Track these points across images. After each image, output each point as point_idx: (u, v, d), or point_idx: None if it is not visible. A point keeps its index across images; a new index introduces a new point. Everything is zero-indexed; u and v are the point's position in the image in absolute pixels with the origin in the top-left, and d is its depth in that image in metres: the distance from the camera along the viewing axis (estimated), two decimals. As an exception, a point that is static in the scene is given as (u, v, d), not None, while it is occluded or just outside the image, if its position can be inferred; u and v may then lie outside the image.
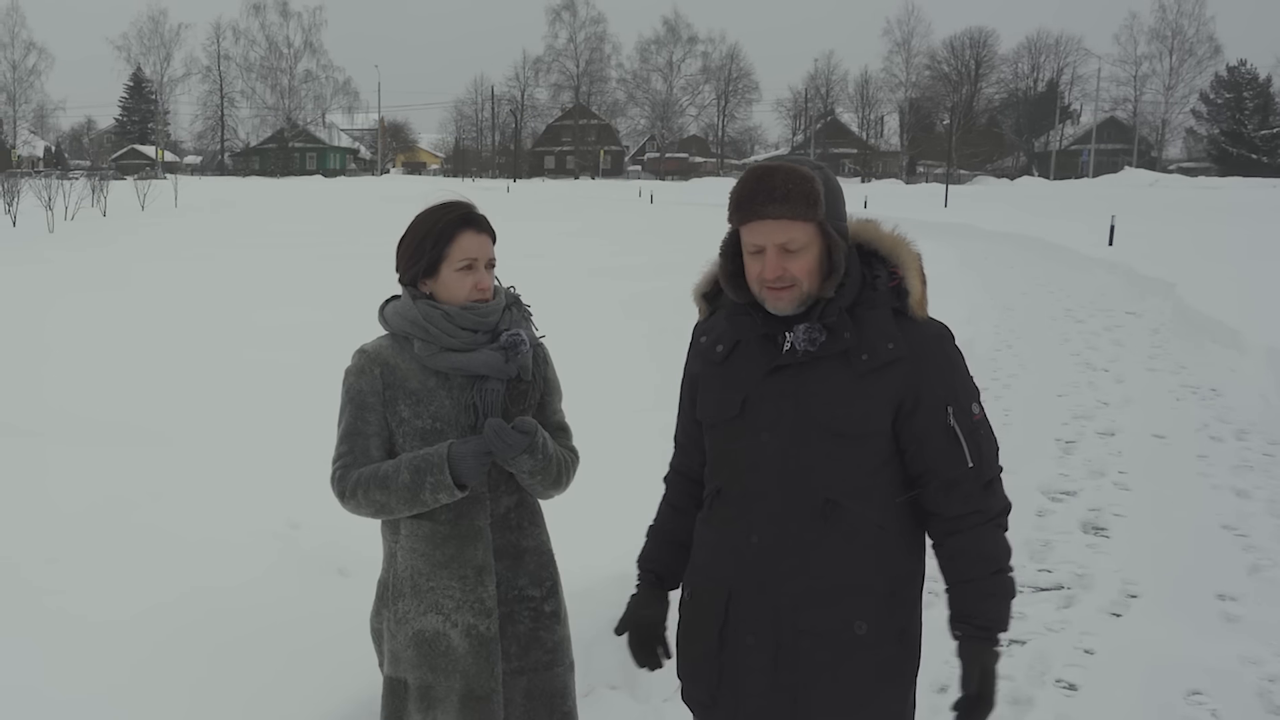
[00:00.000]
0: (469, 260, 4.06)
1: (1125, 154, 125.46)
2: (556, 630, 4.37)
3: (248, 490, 8.06)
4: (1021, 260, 34.93)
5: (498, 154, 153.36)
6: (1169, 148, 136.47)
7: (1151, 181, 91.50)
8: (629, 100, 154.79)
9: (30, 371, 13.37)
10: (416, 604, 4.17)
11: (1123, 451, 12.07)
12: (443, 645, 4.14)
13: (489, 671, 4.13)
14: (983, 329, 19.58)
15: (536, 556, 4.31)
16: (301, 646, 5.76)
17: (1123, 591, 8.16)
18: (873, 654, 3.65)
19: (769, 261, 3.49)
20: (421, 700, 4.16)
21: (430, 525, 4.14)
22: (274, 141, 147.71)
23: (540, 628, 4.30)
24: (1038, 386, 15.52)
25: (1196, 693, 6.61)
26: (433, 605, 4.15)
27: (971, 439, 3.61)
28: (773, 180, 3.45)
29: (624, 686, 6.32)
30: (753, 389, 3.65)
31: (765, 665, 3.68)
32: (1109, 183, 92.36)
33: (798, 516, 3.59)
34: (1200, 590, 8.10)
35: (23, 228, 43.37)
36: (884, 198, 73.19)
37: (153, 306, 19.52)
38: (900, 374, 3.53)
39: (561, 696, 4.37)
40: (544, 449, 4.04)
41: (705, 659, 3.84)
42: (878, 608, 3.64)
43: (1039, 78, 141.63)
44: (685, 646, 3.97)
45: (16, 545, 6.98)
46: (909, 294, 3.61)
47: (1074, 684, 6.75)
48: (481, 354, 4.06)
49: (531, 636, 4.27)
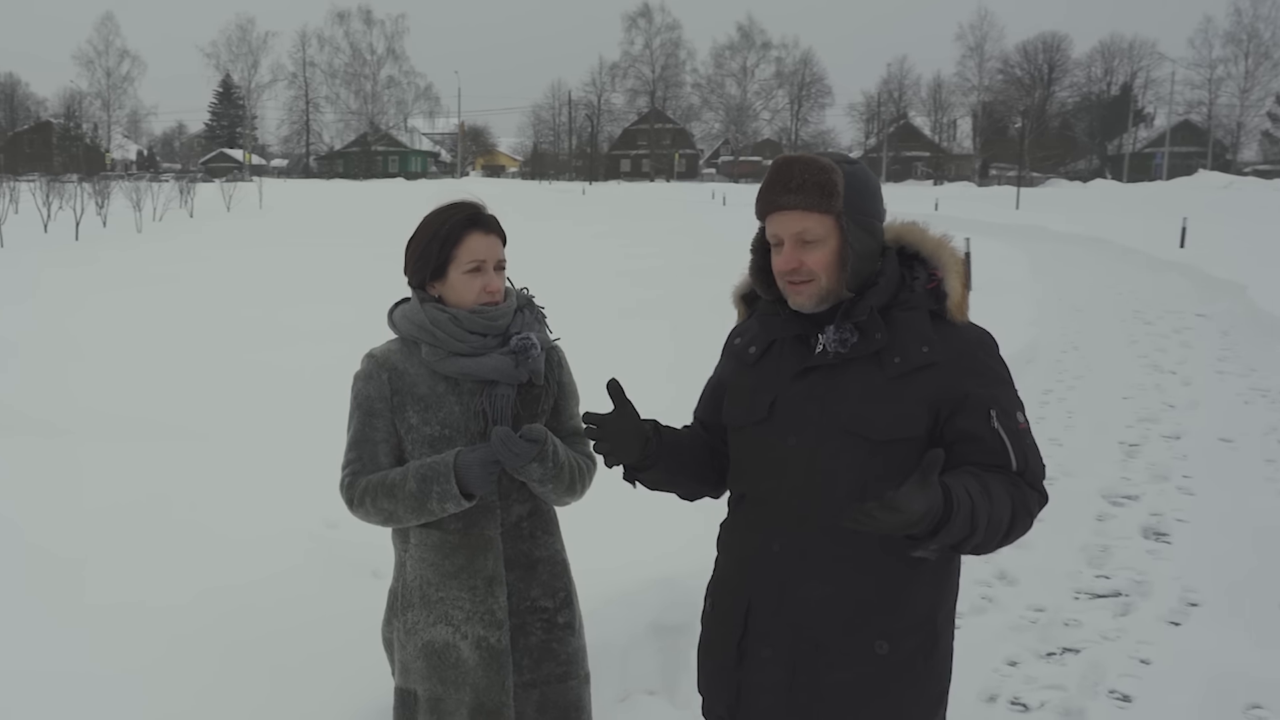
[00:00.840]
0: (477, 262, 3.90)
1: (1199, 157, 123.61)
2: (570, 642, 4.15)
3: (286, 489, 7.91)
4: (1091, 262, 34.31)
5: (575, 157, 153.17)
6: (1244, 150, 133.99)
7: (1225, 184, 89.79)
8: (703, 105, 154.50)
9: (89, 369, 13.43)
10: (426, 614, 4.00)
11: (1188, 455, 11.66)
12: (452, 657, 3.97)
13: (500, 685, 3.94)
14: (1049, 330, 19.29)
15: (550, 567, 4.11)
16: (323, 649, 5.66)
17: (1182, 599, 7.81)
18: (895, 676, 3.38)
19: (784, 253, 3.34)
20: (431, 712, 4.00)
21: (439, 534, 3.97)
22: (357, 145, 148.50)
23: (553, 639, 4.09)
24: (1103, 389, 15.13)
25: (1257, 706, 6.28)
26: (442, 616, 3.98)
27: (1017, 444, 3.32)
28: (790, 171, 3.31)
29: (662, 692, 6.07)
30: (782, 391, 3.46)
31: (781, 682, 3.44)
32: (1182, 185, 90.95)
33: (820, 526, 3.35)
34: (1263, 599, 7.73)
35: (112, 227, 44.23)
36: (956, 200, 73.00)
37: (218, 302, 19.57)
38: (935, 378, 3.31)
39: (576, 709, 4.16)
40: (554, 457, 3.85)
41: (723, 672, 3.62)
42: (902, 627, 3.38)
43: (1112, 81, 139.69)
44: (705, 659, 3.75)
45: (57, 539, 6.99)
46: (947, 296, 3.39)
47: (1128, 695, 6.44)
48: (491, 358, 3.88)
49: (544, 648, 4.07)
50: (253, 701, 5.23)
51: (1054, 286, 26.42)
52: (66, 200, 44.43)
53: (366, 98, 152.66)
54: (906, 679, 3.39)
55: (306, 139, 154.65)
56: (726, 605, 3.62)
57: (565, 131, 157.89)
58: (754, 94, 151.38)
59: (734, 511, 3.67)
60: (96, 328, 17.03)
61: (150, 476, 8.51)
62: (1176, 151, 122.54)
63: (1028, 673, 6.72)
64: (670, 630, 6.09)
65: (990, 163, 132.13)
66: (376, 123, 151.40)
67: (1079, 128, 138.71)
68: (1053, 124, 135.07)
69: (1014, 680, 6.63)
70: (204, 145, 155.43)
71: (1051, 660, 6.90)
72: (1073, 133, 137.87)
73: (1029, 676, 6.67)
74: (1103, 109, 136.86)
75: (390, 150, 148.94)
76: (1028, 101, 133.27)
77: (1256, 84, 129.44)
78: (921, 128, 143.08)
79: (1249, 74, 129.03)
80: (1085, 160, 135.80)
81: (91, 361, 14.16)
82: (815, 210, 3.27)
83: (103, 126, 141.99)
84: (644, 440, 3.52)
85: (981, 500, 3.11)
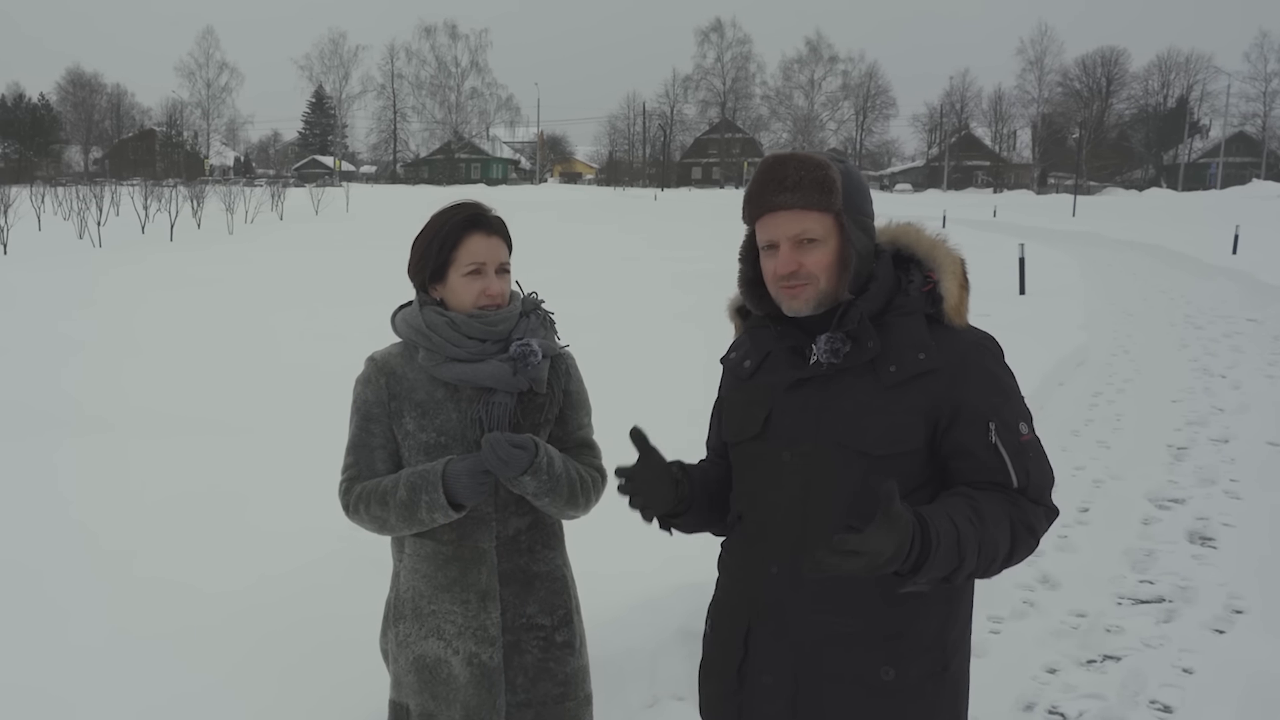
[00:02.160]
0: (476, 264, 3.59)
1: (1254, 167, 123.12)
2: (570, 662, 3.81)
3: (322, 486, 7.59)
4: (1145, 268, 33.76)
5: (648, 165, 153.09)
6: None
7: (1278, 193, 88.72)
8: (772, 115, 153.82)
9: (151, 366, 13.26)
10: (418, 627, 3.71)
11: (1236, 459, 11.17)
12: (444, 673, 3.66)
13: (490, 704, 3.64)
14: (1100, 334, 18.87)
15: (549, 583, 3.79)
16: (331, 645, 5.51)
17: (1227, 606, 7.37)
18: (903, 703, 3.04)
19: (781, 255, 3.02)
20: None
21: (433, 545, 3.67)
22: (441, 153, 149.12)
23: (550, 659, 3.76)
24: (1152, 391, 14.64)
25: (1300, 720, 5.87)
26: (434, 630, 3.68)
27: (1018, 459, 2.99)
28: (784, 169, 3.01)
29: (690, 697, 5.68)
30: (775, 404, 3.15)
31: (783, 710, 3.12)
32: (1236, 194, 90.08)
33: (819, 546, 2.93)
34: (1310, 608, 7.29)
35: (206, 229, 44.45)
36: (1014, 207, 72.66)
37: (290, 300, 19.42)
38: (933, 386, 3.00)
39: None
40: (548, 469, 3.52)
41: (724, 698, 3.30)
42: (910, 653, 3.04)
43: (1169, 94, 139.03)
44: (705, 683, 3.45)
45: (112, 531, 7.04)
46: (943, 299, 3.08)
47: (1169, 706, 6.03)
48: (489, 365, 3.57)
49: (540, 668, 3.74)
50: (260, 700, 5.05)
51: (1106, 291, 26.02)
52: (164, 204, 44.69)
53: (451, 108, 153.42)
54: (916, 706, 3.05)
55: (394, 147, 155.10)
56: (726, 628, 3.32)
57: (639, 140, 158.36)
58: (821, 105, 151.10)
59: (733, 530, 3.34)
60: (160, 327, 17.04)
61: (199, 471, 8.51)
62: (1231, 162, 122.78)
63: (1067, 680, 6.32)
64: (699, 635, 5.72)
65: (1049, 172, 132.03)
66: (460, 131, 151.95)
67: (1135, 138, 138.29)
68: (1110, 135, 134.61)
69: (1052, 688, 6.23)
70: (297, 152, 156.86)
71: (1092, 668, 6.50)
72: (1129, 143, 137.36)
73: (1068, 684, 6.27)
74: (1159, 120, 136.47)
75: (473, 158, 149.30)
76: (1086, 113, 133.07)
77: None
78: (982, 138, 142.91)
79: None
80: (1141, 170, 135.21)
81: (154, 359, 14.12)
82: (814, 209, 2.98)
83: (202, 134, 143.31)
84: (674, 485, 3.21)
85: (970, 527, 2.78)
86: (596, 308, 18.75)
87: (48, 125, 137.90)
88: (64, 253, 32.58)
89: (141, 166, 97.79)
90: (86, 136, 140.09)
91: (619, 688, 5.45)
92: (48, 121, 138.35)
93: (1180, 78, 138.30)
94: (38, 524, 7.48)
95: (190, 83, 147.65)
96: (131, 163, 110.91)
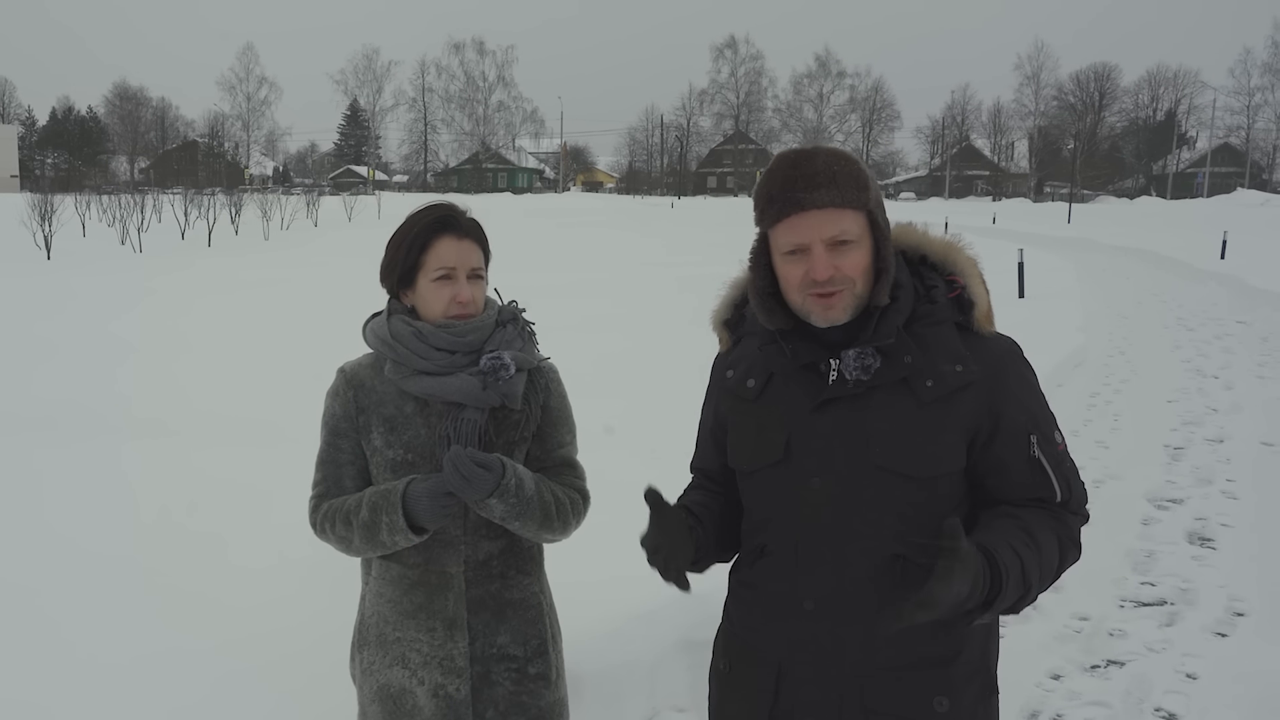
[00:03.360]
0: (445, 270, 3.18)
1: (1238, 176, 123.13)
2: (544, 695, 3.38)
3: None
4: (1137, 272, 33.34)
5: (666, 174, 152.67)
6: (1279, 171, 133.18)
7: (1262, 201, 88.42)
8: (783, 127, 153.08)
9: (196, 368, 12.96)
10: (382, 655, 3.30)
11: (1231, 459, 10.79)
12: (408, 704, 3.26)
13: None
14: (1096, 336, 18.47)
15: (523, 611, 3.36)
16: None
17: (1228, 609, 6.99)
18: None
19: (817, 260, 2.58)
20: None
21: (399, 569, 3.27)
22: (470, 163, 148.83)
23: (524, 692, 3.33)
24: (1148, 392, 14.24)
25: (1307, 728, 5.48)
26: (399, 658, 3.27)
27: (1060, 470, 2.69)
28: (813, 164, 2.58)
29: (691, 709, 5.32)
30: (797, 428, 2.72)
31: None
32: (1222, 202, 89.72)
33: (860, 577, 2.65)
34: (1311, 610, 6.90)
35: (244, 235, 44.36)
36: (1013, 215, 72.47)
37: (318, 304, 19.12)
38: (972, 400, 2.64)
39: None
40: (517, 492, 3.09)
41: None
42: (962, 679, 2.69)
43: (1158, 107, 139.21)
44: None
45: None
46: (974, 305, 2.71)
47: (1174, 714, 5.64)
48: (458, 379, 3.16)
49: (513, 701, 3.31)
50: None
51: (1102, 295, 25.63)
52: (203, 211, 44.54)
53: (478, 120, 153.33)
54: None
55: (424, 157, 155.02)
56: (749, 672, 2.88)
57: (657, 151, 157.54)
58: (829, 118, 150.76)
59: (753, 566, 2.89)
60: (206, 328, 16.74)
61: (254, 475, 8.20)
62: (1216, 171, 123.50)
63: (1071, 687, 5.94)
64: (699, 646, 5.28)
65: (1045, 181, 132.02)
66: (487, 143, 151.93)
67: (1127, 149, 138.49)
68: (1103, 146, 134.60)
69: (1057, 696, 5.84)
70: (333, 162, 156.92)
71: (1096, 674, 6.11)
72: (1121, 154, 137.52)
73: (1072, 691, 5.89)
74: (1149, 132, 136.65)
75: (499, 167, 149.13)
76: (1080, 125, 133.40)
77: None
78: (982, 149, 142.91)
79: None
80: (1132, 179, 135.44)
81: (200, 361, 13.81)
82: (850, 206, 2.58)
83: (243, 145, 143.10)
84: (691, 537, 2.78)
85: (1030, 553, 2.47)
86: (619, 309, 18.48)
87: (95, 137, 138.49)
88: (105, 258, 32.40)
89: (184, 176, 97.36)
90: (132, 147, 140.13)
91: (617, 701, 5.08)
92: (95, 133, 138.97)
93: (1169, 92, 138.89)
94: (120, 524, 7.17)
95: (231, 96, 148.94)
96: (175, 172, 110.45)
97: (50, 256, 31.87)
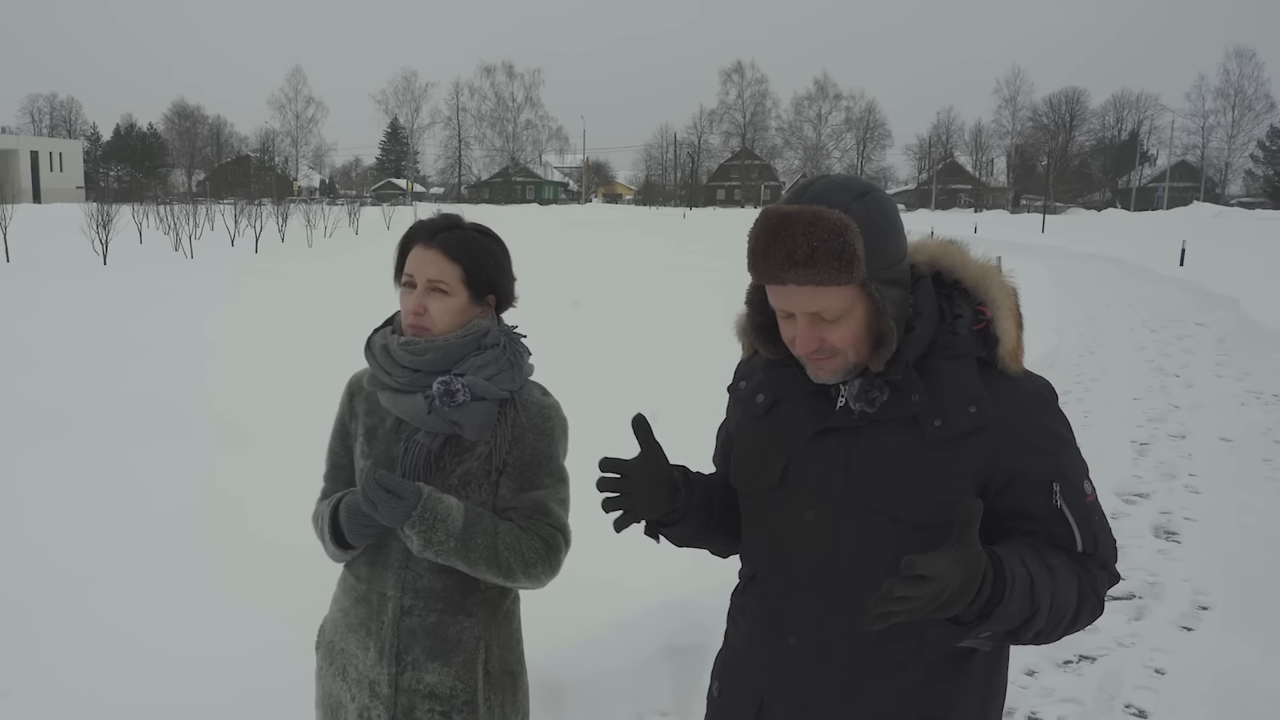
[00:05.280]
0: (407, 277, 2.83)
1: (1194, 191, 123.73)
2: None
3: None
4: (1105, 278, 32.93)
5: (679, 187, 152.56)
6: (1231, 186, 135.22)
7: (1216, 213, 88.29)
8: (785, 145, 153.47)
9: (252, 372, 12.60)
10: (329, 662, 2.96)
11: (1193, 454, 10.42)
12: (341, 717, 2.90)
13: None
14: (1068, 337, 18.05)
15: (459, 654, 2.85)
16: None
17: (1193, 602, 6.63)
18: None
19: (801, 333, 2.18)
20: None
21: (351, 580, 2.93)
22: (500, 176, 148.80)
23: None
24: (1116, 390, 13.87)
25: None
26: (340, 669, 2.92)
27: (1084, 523, 2.21)
28: (792, 236, 2.08)
29: (674, 713, 4.93)
30: (795, 453, 2.32)
31: None
32: (1180, 214, 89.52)
33: (844, 621, 2.24)
34: (1272, 603, 6.52)
35: (290, 243, 44.19)
36: (992, 224, 72.46)
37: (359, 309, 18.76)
38: (985, 445, 2.18)
39: None
40: (434, 526, 2.65)
41: None
42: None
43: (1122, 128, 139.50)
44: None
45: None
46: (999, 341, 2.24)
47: (1143, 710, 5.29)
48: (414, 398, 2.78)
49: None
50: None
51: (1073, 298, 25.20)
52: (251, 220, 44.24)
53: (508, 137, 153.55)
54: None
55: (459, 171, 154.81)
56: (734, 696, 2.49)
57: (671, 166, 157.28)
58: (827, 136, 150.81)
59: (744, 592, 2.52)
60: (289, 331, 16.33)
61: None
62: (1175, 186, 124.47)
63: (1045, 684, 5.56)
64: (682, 652, 4.95)
65: (1021, 194, 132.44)
66: (516, 158, 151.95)
67: (1094, 166, 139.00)
68: (1073, 163, 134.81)
69: (1031, 693, 5.46)
70: (375, 175, 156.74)
71: (1069, 669, 5.74)
72: (1089, 170, 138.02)
73: (1046, 688, 5.51)
74: (1114, 150, 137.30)
75: (527, 181, 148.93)
76: (1052, 144, 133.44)
77: (1241, 131, 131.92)
78: (965, 165, 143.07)
79: (1235, 123, 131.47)
80: (1099, 193, 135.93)
81: (284, 361, 13.36)
82: (832, 284, 2.11)
83: (291, 160, 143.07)
84: (671, 490, 2.39)
85: (1044, 575, 2.06)
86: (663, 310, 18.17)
87: (156, 151, 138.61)
88: (159, 264, 32.00)
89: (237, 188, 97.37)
90: (190, 161, 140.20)
91: (600, 709, 4.69)
92: (156, 148, 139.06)
93: (1132, 114, 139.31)
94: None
95: (281, 114, 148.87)
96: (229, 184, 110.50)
97: (106, 262, 31.54)
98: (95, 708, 4.48)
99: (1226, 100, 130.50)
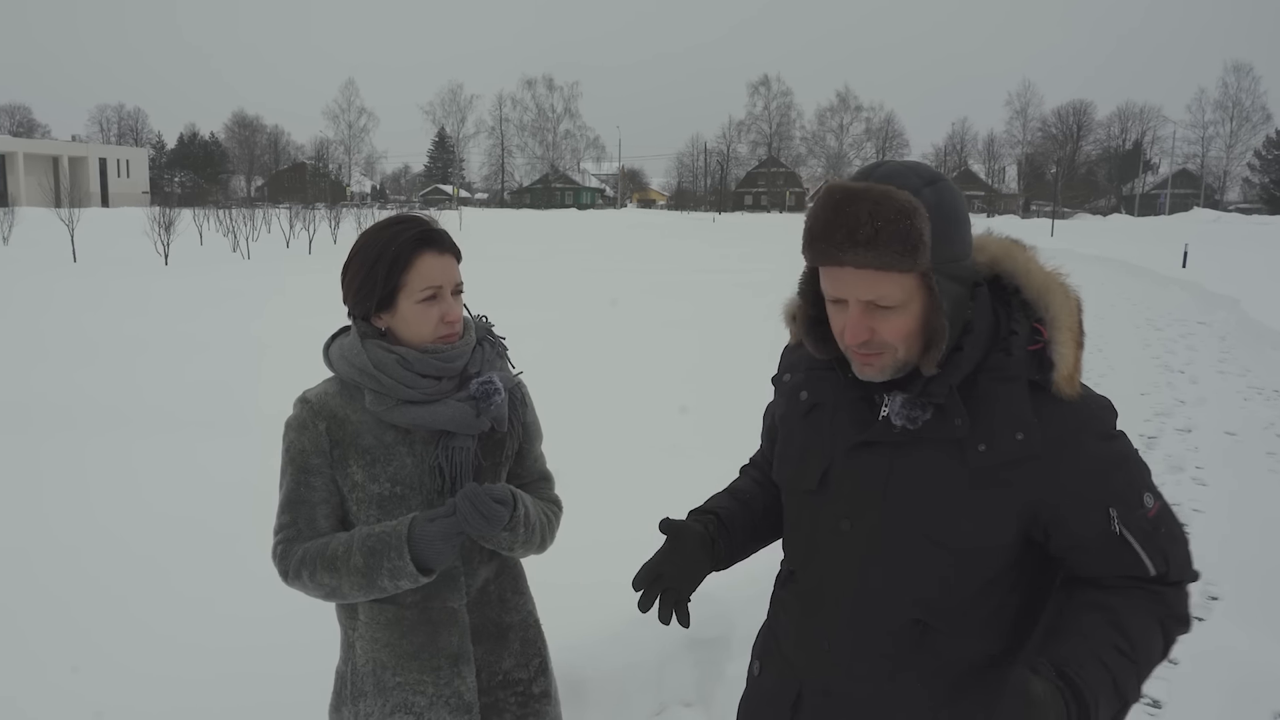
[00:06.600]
0: (432, 289, 2.53)
1: (1194, 197, 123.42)
2: (548, 712, 2.80)
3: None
4: (1111, 279, 32.49)
5: (709, 193, 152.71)
6: (1229, 192, 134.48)
7: (1215, 218, 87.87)
8: (809, 154, 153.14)
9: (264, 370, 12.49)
10: (381, 703, 2.62)
11: (1199, 447, 10.16)
12: None
13: None
14: (1077, 335, 17.68)
15: (522, 631, 2.76)
16: None
17: (1203, 593, 6.37)
18: None
19: (851, 321, 1.95)
20: None
21: (394, 610, 2.60)
22: (540, 183, 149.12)
23: (529, 713, 2.74)
24: (1124, 385, 13.52)
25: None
26: (401, 704, 2.60)
27: (1151, 543, 1.96)
28: (856, 214, 1.85)
29: (698, 703, 4.72)
30: (835, 460, 2.11)
31: None
32: (1181, 219, 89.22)
33: (876, 636, 2.05)
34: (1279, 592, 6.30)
35: (342, 244, 44.33)
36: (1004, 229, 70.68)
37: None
38: (1031, 475, 1.94)
39: None
40: (525, 520, 2.53)
41: None
42: None
43: (1127, 138, 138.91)
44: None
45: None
46: (1054, 366, 1.97)
47: (1158, 700, 5.05)
48: (447, 406, 2.54)
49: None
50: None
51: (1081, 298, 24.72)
52: (306, 224, 44.23)
53: (548, 146, 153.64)
54: None
55: (501, 178, 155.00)
56: (775, 679, 2.31)
57: (702, 173, 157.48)
58: (848, 146, 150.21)
59: (785, 585, 2.33)
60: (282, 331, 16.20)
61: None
62: (1176, 193, 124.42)
63: (1057, 672, 5.36)
64: (705, 644, 4.74)
65: (1031, 200, 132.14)
66: (556, 165, 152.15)
67: (1100, 174, 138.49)
68: (1080, 171, 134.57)
69: (1043, 681, 5.27)
70: (423, 181, 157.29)
71: (1080, 658, 5.54)
72: (1095, 178, 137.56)
73: (1058, 677, 5.31)
74: (1119, 159, 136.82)
75: (566, 187, 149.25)
76: (1061, 153, 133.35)
77: (1239, 141, 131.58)
78: (978, 173, 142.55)
79: (1233, 133, 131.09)
80: (1105, 199, 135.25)
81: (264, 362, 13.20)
82: (893, 269, 1.88)
83: (344, 167, 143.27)
84: (709, 552, 2.25)
85: (1121, 659, 1.82)
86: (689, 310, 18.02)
87: (217, 159, 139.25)
88: (218, 264, 32.06)
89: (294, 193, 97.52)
90: (249, 168, 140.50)
91: (623, 700, 4.50)
92: (217, 155, 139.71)
93: (1136, 125, 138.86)
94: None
95: (335, 124, 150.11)
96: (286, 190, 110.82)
97: (168, 262, 31.56)
98: (176, 660, 4.71)
99: (1225, 112, 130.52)
